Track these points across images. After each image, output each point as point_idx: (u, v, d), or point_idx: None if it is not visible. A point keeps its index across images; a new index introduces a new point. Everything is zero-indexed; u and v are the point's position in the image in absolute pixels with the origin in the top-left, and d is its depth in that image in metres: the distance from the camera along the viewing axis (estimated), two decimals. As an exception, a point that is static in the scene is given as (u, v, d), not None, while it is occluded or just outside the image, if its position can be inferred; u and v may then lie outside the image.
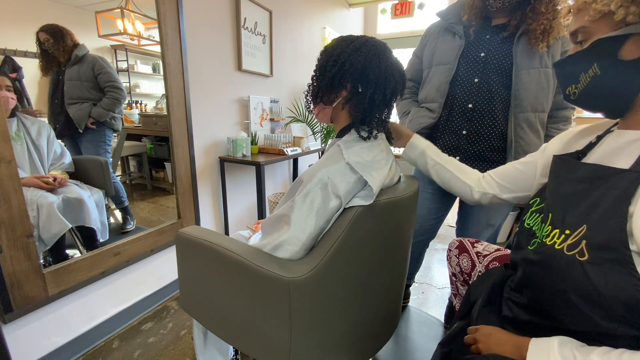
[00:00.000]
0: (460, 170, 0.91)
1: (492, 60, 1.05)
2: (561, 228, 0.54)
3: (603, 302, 0.47)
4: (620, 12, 0.49)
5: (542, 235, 0.58)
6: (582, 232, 0.50)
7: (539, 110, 1.05)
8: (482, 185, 0.88)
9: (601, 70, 0.53)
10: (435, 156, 0.94)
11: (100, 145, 1.48)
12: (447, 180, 0.93)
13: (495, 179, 0.86)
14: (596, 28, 0.53)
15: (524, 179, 0.81)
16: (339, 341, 0.76)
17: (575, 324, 0.51)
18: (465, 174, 0.91)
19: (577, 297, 0.49)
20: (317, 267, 0.64)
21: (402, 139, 0.97)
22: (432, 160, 0.94)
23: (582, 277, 0.48)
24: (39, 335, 1.16)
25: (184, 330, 1.42)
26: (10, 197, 1.00)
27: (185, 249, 0.85)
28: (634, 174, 0.48)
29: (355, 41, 0.71)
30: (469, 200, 0.92)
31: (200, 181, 1.76)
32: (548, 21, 0.96)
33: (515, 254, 0.67)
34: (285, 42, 2.40)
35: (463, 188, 0.90)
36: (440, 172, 0.93)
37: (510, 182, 0.84)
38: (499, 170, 0.87)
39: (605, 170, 0.52)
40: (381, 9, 3.48)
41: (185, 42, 1.52)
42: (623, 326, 0.46)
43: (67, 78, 1.35)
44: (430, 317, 1.54)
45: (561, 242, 0.52)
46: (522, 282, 0.63)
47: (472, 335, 0.64)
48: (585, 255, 0.48)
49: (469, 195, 0.90)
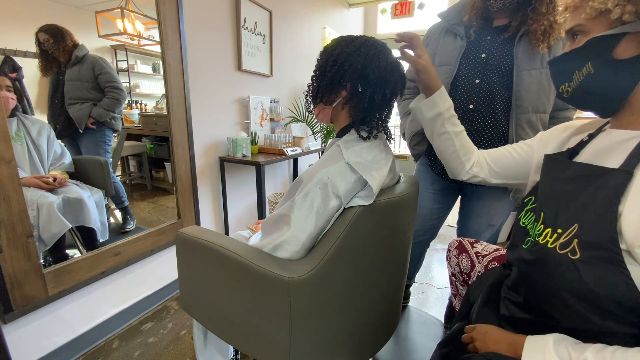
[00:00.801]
0: (463, 148, 0.85)
1: (493, 61, 1.05)
2: (553, 227, 0.54)
3: (596, 300, 0.47)
4: (616, 11, 0.49)
5: (535, 234, 0.58)
6: (573, 231, 0.50)
7: (540, 111, 1.05)
8: (473, 167, 0.86)
9: (595, 69, 0.53)
10: (449, 124, 0.84)
11: (101, 145, 1.48)
12: (447, 153, 0.87)
13: (489, 162, 0.85)
14: (592, 26, 0.54)
15: (516, 166, 0.80)
16: (338, 341, 0.76)
17: (570, 321, 0.51)
18: (467, 154, 0.85)
19: (570, 295, 0.50)
20: (317, 267, 0.64)
21: (427, 88, 0.83)
22: (443, 128, 0.85)
23: (574, 275, 0.49)
24: (39, 335, 1.16)
25: (184, 330, 1.42)
26: (10, 197, 1.00)
27: (185, 249, 0.85)
28: (623, 174, 0.48)
29: (354, 41, 0.71)
30: (455, 177, 0.90)
31: (200, 181, 1.76)
32: (549, 22, 0.96)
33: (511, 253, 0.67)
34: (285, 42, 2.40)
35: (457, 165, 0.87)
36: (446, 143, 0.86)
37: (503, 168, 0.83)
38: (494, 154, 0.85)
39: (596, 170, 0.53)
40: (381, 9, 3.48)
41: (185, 42, 1.52)
42: (617, 324, 0.47)
43: (68, 78, 1.35)
44: (430, 317, 1.54)
45: (553, 241, 0.53)
46: (517, 281, 0.63)
47: (469, 334, 0.64)
48: (577, 253, 0.49)
49: (458, 174, 0.88)
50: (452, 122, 0.85)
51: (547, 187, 0.62)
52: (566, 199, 0.55)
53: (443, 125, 0.85)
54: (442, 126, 0.85)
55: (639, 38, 0.49)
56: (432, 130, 0.88)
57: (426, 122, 0.88)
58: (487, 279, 0.79)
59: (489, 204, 1.20)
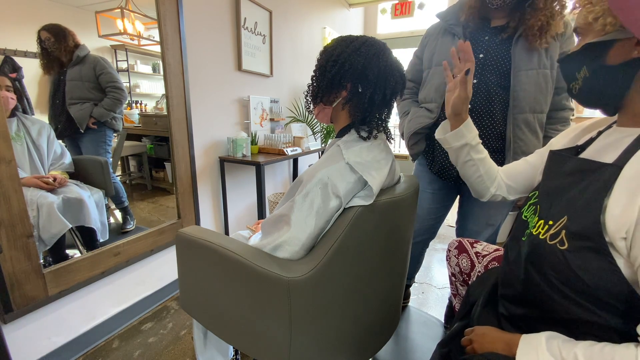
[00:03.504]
0: (488, 174, 0.86)
1: (491, 62, 1.05)
2: (546, 219, 0.56)
3: (585, 289, 0.49)
4: (599, 22, 0.52)
5: (532, 226, 0.60)
6: (562, 222, 0.52)
7: (538, 111, 1.06)
8: (495, 188, 0.87)
9: (590, 73, 0.56)
10: (475, 152, 0.85)
11: (101, 145, 1.48)
12: (472, 178, 0.87)
13: (505, 180, 0.86)
14: (588, 31, 0.56)
15: (528, 178, 0.82)
16: (338, 341, 0.76)
17: (566, 312, 0.52)
18: (491, 178, 0.86)
19: (561, 283, 0.51)
20: (317, 267, 0.64)
21: (457, 117, 0.83)
22: (468, 156, 0.85)
23: (563, 265, 0.50)
24: (39, 335, 1.16)
25: (184, 330, 1.42)
26: (10, 197, 1.00)
27: (185, 249, 0.85)
28: (614, 168, 0.50)
29: (355, 41, 0.71)
30: (479, 198, 0.91)
31: (200, 181, 1.76)
32: (546, 17, 0.96)
33: (510, 245, 0.68)
34: (285, 42, 2.40)
35: (482, 189, 0.88)
36: (471, 170, 0.86)
37: (517, 181, 0.84)
38: (507, 170, 0.87)
39: (591, 164, 0.55)
40: (381, 9, 3.48)
41: (185, 42, 1.52)
42: (606, 312, 0.48)
43: (69, 78, 1.35)
44: (430, 317, 1.55)
45: (545, 232, 0.55)
46: (510, 275, 0.64)
47: (468, 337, 0.65)
48: (565, 244, 0.51)
49: (482, 196, 0.89)
50: (477, 149, 0.85)
51: (547, 182, 0.64)
52: (561, 192, 0.57)
53: (469, 154, 0.85)
54: (468, 154, 0.85)
55: (627, 45, 0.51)
56: (457, 157, 0.88)
57: (452, 151, 0.89)
58: (487, 279, 0.79)
59: (487, 203, 1.20)
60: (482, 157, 0.85)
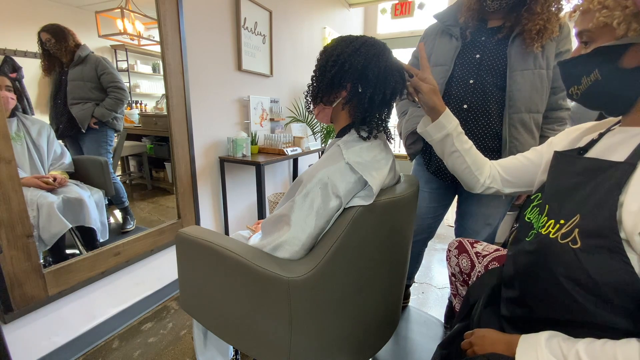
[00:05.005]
0: (475, 164, 0.86)
1: (487, 62, 1.06)
2: (556, 218, 0.55)
3: (594, 288, 0.48)
4: (622, 28, 0.51)
5: (539, 226, 0.59)
6: (575, 221, 0.52)
7: (534, 111, 1.06)
8: (486, 180, 0.87)
9: (602, 76, 0.55)
10: (458, 142, 0.85)
11: (102, 145, 1.48)
12: (460, 169, 0.88)
13: (501, 173, 0.86)
14: (599, 34, 0.55)
15: (527, 173, 0.82)
16: (338, 341, 0.76)
17: (569, 312, 0.52)
18: (480, 168, 0.86)
19: (570, 283, 0.51)
20: (317, 267, 0.64)
21: (433, 110, 0.83)
22: (453, 147, 0.85)
23: (574, 263, 0.50)
24: (39, 335, 1.16)
25: (184, 330, 1.42)
26: (10, 197, 1.00)
27: (185, 249, 0.85)
28: (627, 166, 0.50)
29: (354, 41, 0.71)
30: (470, 190, 0.91)
31: (200, 181, 1.76)
32: (543, 21, 0.97)
33: (513, 247, 0.68)
34: (285, 42, 2.40)
35: (470, 180, 0.88)
36: (457, 161, 0.86)
37: (515, 176, 0.84)
38: (504, 163, 0.86)
39: (602, 163, 0.54)
40: (381, 9, 3.48)
41: (185, 42, 1.52)
42: (612, 313, 0.48)
43: (70, 78, 1.35)
44: (430, 317, 1.55)
45: (555, 232, 0.54)
46: (514, 275, 0.64)
47: (468, 340, 0.65)
48: (577, 242, 0.50)
49: (473, 188, 0.89)
50: (460, 139, 0.85)
51: (554, 182, 0.63)
52: (571, 191, 0.56)
53: (453, 144, 0.85)
54: (452, 145, 0.85)
55: None
56: (443, 150, 0.88)
57: (435, 143, 0.89)
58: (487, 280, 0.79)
59: (485, 203, 1.21)
60: (466, 147, 0.86)
